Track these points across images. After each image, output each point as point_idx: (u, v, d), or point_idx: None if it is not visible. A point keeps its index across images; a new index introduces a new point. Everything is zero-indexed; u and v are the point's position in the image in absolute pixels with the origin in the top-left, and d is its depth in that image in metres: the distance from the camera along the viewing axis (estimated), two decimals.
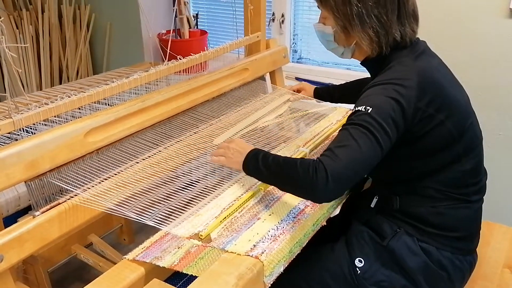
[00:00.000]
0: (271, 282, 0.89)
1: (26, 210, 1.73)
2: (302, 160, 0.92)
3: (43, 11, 2.52)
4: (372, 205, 1.13)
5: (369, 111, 0.91)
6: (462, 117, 1.01)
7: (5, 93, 0.99)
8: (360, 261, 1.06)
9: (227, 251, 0.90)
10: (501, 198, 1.80)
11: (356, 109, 0.94)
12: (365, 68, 1.13)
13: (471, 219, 1.07)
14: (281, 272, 0.91)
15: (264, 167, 0.98)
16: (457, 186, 1.03)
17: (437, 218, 1.03)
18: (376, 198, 1.13)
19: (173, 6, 2.49)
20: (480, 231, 1.13)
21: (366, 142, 0.89)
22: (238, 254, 0.89)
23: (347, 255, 1.08)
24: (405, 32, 1.02)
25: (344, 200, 1.19)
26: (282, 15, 2.23)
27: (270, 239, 0.94)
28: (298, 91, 1.63)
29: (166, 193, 1.08)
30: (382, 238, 1.06)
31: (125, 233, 1.91)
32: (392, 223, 1.07)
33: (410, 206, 1.06)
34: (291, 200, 1.07)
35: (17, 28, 2.47)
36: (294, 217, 1.02)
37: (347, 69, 2.16)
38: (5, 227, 0.93)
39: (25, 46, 2.42)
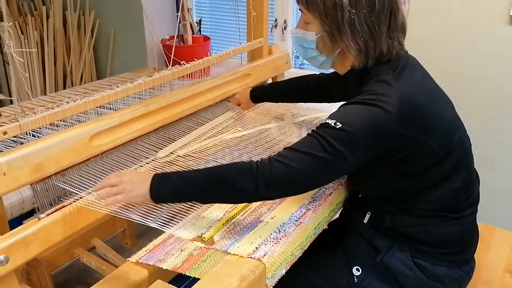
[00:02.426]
0: (273, 285, 0.90)
1: (30, 214, 1.74)
2: (235, 164, 0.91)
3: (48, 17, 2.55)
4: (365, 220, 1.10)
5: (337, 127, 0.86)
6: (448, 134, 0.97)
7: (11, 97, 1.01)
8: (357, 269, 1.05)
9: (230, 253, 0.91)
10: (501, 203, 1.81)
11: (327, 120, 0.89)
12: None
13: (464, 233, 1.04)
14: (283, 275, 0.92)
15: (185, 183, 0.91)
16: (448, 204, 1.00)
17: (429, 237, 1.01)
18: (368, 214, 1.11)
19: (177, 12, 2.52)
20: (481, 236, 1.13)
21: (315, 161, 0.86)
22: (240, 256, 0.90)
23: (345, 263, 1.07)
24: (393, 45, 0.96)
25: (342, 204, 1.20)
26: (285, 21, 2.25)
27: (272, 241, 0.95)
28: (238, 104, 1.55)
29: None
30: (376, 253, 1.05)
31: (128, 237, 1.91)
32: (385, 239, 1.05)
33: (401, 225, 1.04)
34: (293, 203, 1.08)
35: (22, 33, 2.49)
36: (296, 220, 1.03)
37: None
38: (10, 230, 0.95)
39: (29, 52, 2.44)
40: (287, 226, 1.00)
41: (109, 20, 2.62)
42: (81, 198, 1.05)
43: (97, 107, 1.20)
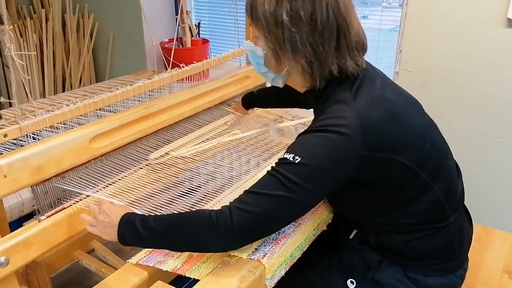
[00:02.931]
0: (273, 285, 0.90)
1: (29, 216, 1.74)
2: (196, 213, 0.88)
3: (47, 20, 2.56)
4: (351, 236, 1.06)
5: (296, 161, 0.81)
6: (418, 144, 0.90)
7: (9, 100, 1.02)
8: (352, 282, 1.02)
9: (229, 254, 0.92)
10: (500, 204, 1.82)
11: (285, 155, 0.84)
12: None
13: (454, 239, 0.99)
14: (280, 280, 0.92)
15: (145, 230, 0.87)
16: (432, 215, 0.96)
17: (418, 251, 0.98)
18: (355, 231, 1.07)
19: (176, 15, 2.53)
20: (480, 237, 1.13)
21: (277, 201, 0.82)
22: (240, 257, 0.90)
23: (340, 275, 1.04)
24: (345, 65, 0.88)
25: None
26: None
27: (272, 242, 0.95)
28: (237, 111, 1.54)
29: (170, 198, 1.10)
30: (367, 268, 1.02)
31: None
32: (375, 253, 1.02)
33: (387, 242, 1.00)
34: None
35: (21, 36, 2.50)
36: (295, 222, 1.03)
37: None
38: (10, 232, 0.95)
39: (28, 55, 2.45)
40: (287, 227, 1.01)
41: (108, 23, 2.63)
42: (81, 200, 1.06)
43: (97, 110, 1.21)
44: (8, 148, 1.02)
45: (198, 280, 0.87)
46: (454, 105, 1.78)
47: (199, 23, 2.47)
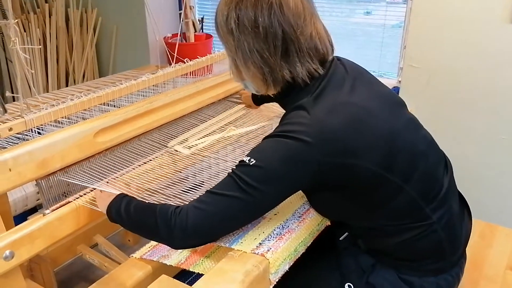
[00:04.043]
0: (277, 280, 0.90)
1: (33, 211, 1.75)
2: (161, 206, 0.90)
3: (50, 15, 2.56)
4: (341, 238, 1.06)
5: (251, 163, 0.84)
6: (385, 148, 0.88)
7: (13, 94, 1.02)
8: (349, 286, 1.02)
9: (233, 249, 0.92)
10: (504, 200, 1.81)
11: (244, 158, 0.86)
12: (370, 72, 1.09)
13: (444, 237, 0.96)
14: (280, 280, 0.92)
15: (125, 212, 0.94)
16: (409, 215, 0.93)
17: (408, 252, 0.96)
18: (346, 233, 1.06)
19: (179, 10, 2.52)
20: (484, 233, 1.12)
21: (232, 202, 0.84)
22: (244, 252, 0.90)
23: (339, 278, 1.04)
24: (297, 71, 0.89)
25: None
26: None
27: (276, 237, 0.95)
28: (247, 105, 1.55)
29: (174, 193, 1.10)
30: (362, 272, 1.01)
31: (130, 234, 1.92)
32: (368, 256, 1.01)
33: (375, 245, 1.00)
34: (296, 199, 1.09)
35: (25, 31, 2.50)
36: (299, 217, 1.03)
37: None
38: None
39: (32, 49, 2.45)
40: (291, 222, 1.01)
41: (111, 17, 2.63)
42: (85, 194, 1.06)
43: (101, 104, 1.21)
44: (13, 142, 1.03)
45: (202, 274, 0.87)
46: (458, 101, 1.77)
47: (202, 18, 2.47)
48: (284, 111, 0.96)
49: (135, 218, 0.93)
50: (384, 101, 0.96)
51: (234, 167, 0.87)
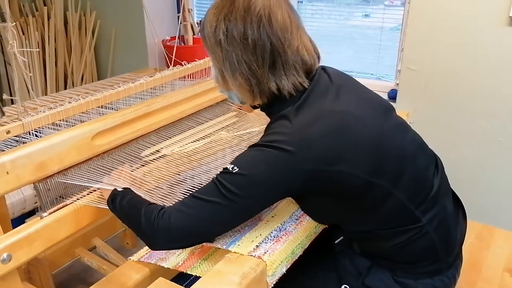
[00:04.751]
0: (274, 282, 0.90)
1: (31, 214, 1.75)
2: (149, 206, 0.92)
3: (49, 18, 2.56)
4: (336, 241, 1.05)
5: (234, 171, 0.85)
6: (371, 154, 0.88)
7: (11, 97, 1.02)
8: None
9: (231, 251, 0.92)
10: (501, 203, 1.82)
11: (228, 166, 0.87)
12: (366, 74, 1.12)
13: (433, 240, 0.95)
14: (277, 282, 0.92)
15: (119, 204, 0.97)
16: (398, 218, 0.94)
17: (402, 254, 0.97)
18: (341, 237, 1.05)
19: (178, 13, 2.53)
20: (481, 235, 1.12)
21: (213, 207, 0.86)
22: (241, 254, 0.90)
23: (336, 279, 1.04)
24: (282, 84, 0.90)
25: None
26: None
27: (273, 240, 0.96)
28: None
29: (172, 195, 1.10)
30: (358, 274, 1.01)
31: (128, 237, 1.92)
32: (364, 258, 1.01)
33: (368, 248, 1.00)
34: (294, 202, 1.09)
35: (23, 34, 2.50)
36: (296, 219, 1.03)
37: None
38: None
39: (30, 52, 2.46)
40: (288, 225, 1.01)
41: (110, 20, 2.64)
42: (83, 197, 1.06)
43: (99, 107, 1.21)
44: (11, 145, 1.03)
45: (199, 277, 0.87)
46: (456, 103, 1.78)
47: (201, 21, 2.47)
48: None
49: (125, 213, 0.96)
50: (371, 106, 0.96)
51: (218, 174, 0.88)
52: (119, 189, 1.01)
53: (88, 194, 1.07)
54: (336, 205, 0.94)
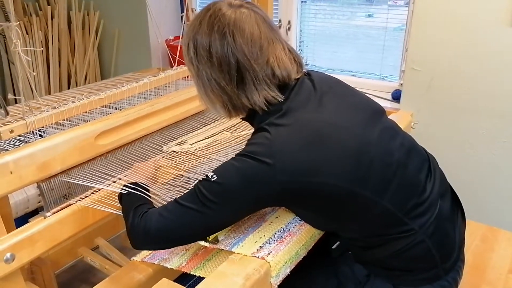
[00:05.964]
0: (278, 283, 0.90)
1: (34, 213, 1.75)
2: (140, 206, 0.93)
3: (52, 17, 2.56)
4: (333, 247, 1.03)
5: (212, 179, 0.85)
6: (353, 163, 0.86)
7: (15, 96, 1.02)
8: None
9: (234, 252, 0.92)
10: (505, 204, 1.81)
11: (208, 174, 0.87)
12: (370, 75, 1.10)
13: (428, 246, 0.93)
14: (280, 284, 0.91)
15: (122, 196, 0.99)
16: (385, 226, 0.92)
17: (397, 262, 0.95)
18: (338, 242, 1.03)
19: (181, 12, 2.53)
20: (486, 237, 1.11)
21: (190, 213, 0.87)
22: (244, 255, 0.90)
23: (336, 285, 1.03)
24: (253, 99, 0.89)
25: None
26: (289, 22, 2.25)
27: (277, 241, 0.95)
28: None
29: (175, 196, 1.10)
30: (358, 282, 1.00)
31: None
32: (361, 267, 1.00)
33: (365, 258, 0.99)
34: None
35: (27, 33, 2.51)
36: (300, 220, 1.03)
37: (353, 75, 2.17)
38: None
39: (34, 51, 2.46)
40: (292, 226, 1.01)
41: (113, 20, 2.63)
42: (86, 197, 1.06)
43: (102, 107, 1.21)
44: (14, 145, 1.03)
45: (203, 278, 0.87)
46: (460, 104, 1.77)
47: None
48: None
49: (122, 206, 0.97)
50: (358, 112, 0.94)
51: (198, 181, 0.89)
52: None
53: (91, 194, 1.07)
54: (319, 214, 0.95)
